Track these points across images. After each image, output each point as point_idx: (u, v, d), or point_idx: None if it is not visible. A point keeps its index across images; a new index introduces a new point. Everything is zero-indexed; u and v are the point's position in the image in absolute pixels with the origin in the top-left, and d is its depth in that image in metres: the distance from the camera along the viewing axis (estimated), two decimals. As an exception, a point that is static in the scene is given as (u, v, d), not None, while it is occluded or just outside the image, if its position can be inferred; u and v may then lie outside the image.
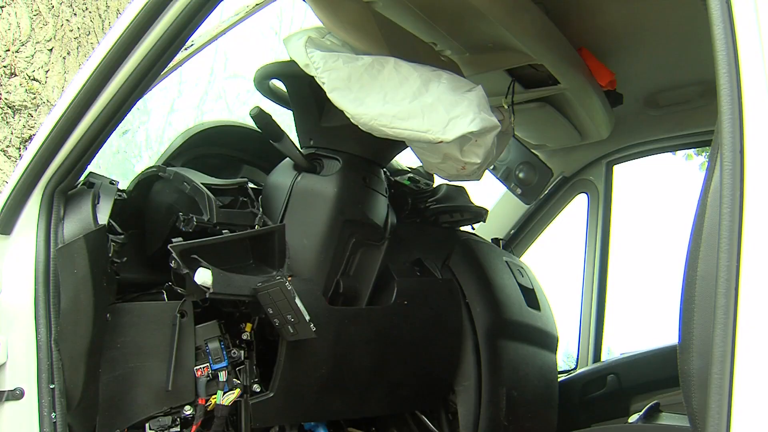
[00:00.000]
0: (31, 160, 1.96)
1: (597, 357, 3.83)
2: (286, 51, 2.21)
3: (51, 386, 1.86)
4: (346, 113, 2.07)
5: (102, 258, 1.97)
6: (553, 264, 4.46)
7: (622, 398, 3.54)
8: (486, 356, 2.76)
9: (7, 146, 4.21)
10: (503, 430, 2.79)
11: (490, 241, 3.34)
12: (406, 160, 3.06)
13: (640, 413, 3.14)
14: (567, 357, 4.30)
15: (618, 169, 3.85)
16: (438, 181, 3.07)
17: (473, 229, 3.24)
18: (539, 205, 3.89)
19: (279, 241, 2.18)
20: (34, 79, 4.45)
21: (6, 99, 4.31)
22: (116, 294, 2.09)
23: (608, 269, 3.88)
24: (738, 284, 1.20)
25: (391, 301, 2.55)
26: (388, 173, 2.73)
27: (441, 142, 2.03)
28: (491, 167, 3.02)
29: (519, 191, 3.10)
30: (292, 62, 2.17)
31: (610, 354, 4.01)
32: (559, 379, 3.40)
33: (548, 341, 3.23)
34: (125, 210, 2.25)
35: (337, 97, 2.07)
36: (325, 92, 2.08)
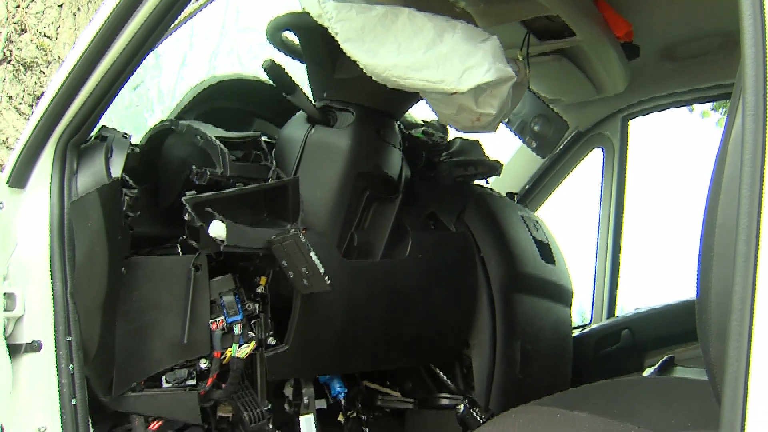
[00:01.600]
0: (43, 114, 1.95)
1: (611, 312, 3.82)
2: (298, 2, 2.18)
3: (68, 339, 1.87)
4: (359, 64, 2.04)
5: (115, 211, 1.97)
6: (567, 219, 4.44)
7: (636, 353, 3.54)
8: (501, 310, 2.76)
9: (20, 103, 4.20)
10: (518, 383, 2.80)
11: (504, 195, 3.32)
12: (420, 113, 3.04)
13: (655, 367, 3.15)
14: (581, 313, 4.30)
15: (634, 124, 3.80)
16: (452, 134, 3.05)
17: (488, 183, 3.21)
18: (554, 161, 3.86)
19: (293, 194, 2.17)
20: (44, 36, 4.42)
21: (17, 56, 4.29)
22: (130, 248, 2.09)
23: (623, 225, 3.86)
24: (759, 231, 1.18)
25: (405, 254, 2.55)
26: (402, 126, 2.71)
27: (456, 92, 2.00)
28: (506, 120, 2.99)
29: (534, 144, 3.07)
30: (305, 13, 2.14)
31: (624, 309, 4.00)
32: (573, 335, 3.40)
33: (563, 295, 3.22)
34: (138, 164, 2.24)
35: (350, 47, 2.04)
36: (338, 43, 2.05)
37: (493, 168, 3.02)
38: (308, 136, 2.36)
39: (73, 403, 1.84)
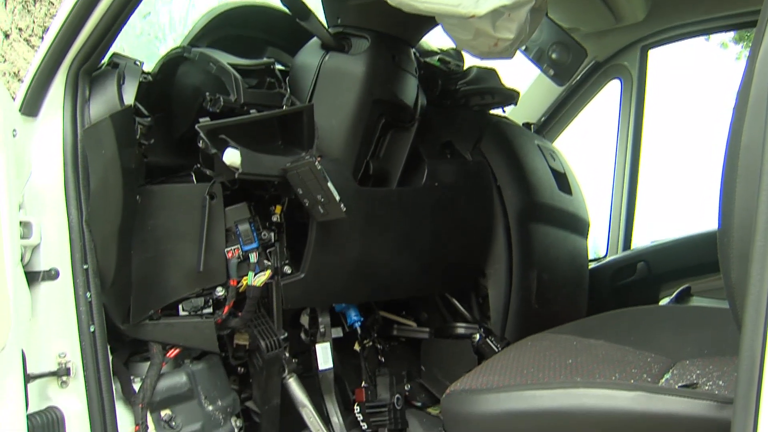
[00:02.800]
0: (53, 41, 1.92)
1: (627, 245, 3.81)
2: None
3: (84, 266, 1.87)
4: (374, -12, 2.00)
5: (129, 139, 1.95)
6: (584, 151, 4.40)
7: (651, 285, 3.54)
8: (517, 239, 2.75)
9: (30, 35, 4.16)
10: (533, 313, 2.81)
11: (521, 125, 3.28)
12: (436, 41, 2.99)
13: (672, 297, 3.15)
14: (596, 251, 4.29)
15: (653, 54, 3.73)
16: (469, 62, 3.00)
17: (504, 112, 3.18)
18: (571, 92, 3.80)
19: (307, 121, 2.14)
20: (53, -34, 4.36)
21: (27, -13, 4.24)
22: (145, 178, 2.08)
23: (640, 157, 3.83)
24: (786, 149, 1.16)
25: (421, 183, 2.53)
26: (418, 54, 2.66)
27: (473, 16, 1.95)
28: (523, 48, 2.93)
29: (552, 72, 3.01)
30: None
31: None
32: (589, 267, 3.40)
33: (579, 225, 3.21)
34: (151, 93, 2.22)
35: (364, -29, 1.99)
36: (352, -32, 2.01)
37: (510, 97, 2.98)
38: (323, 62, 2.32)
39: (92, 330, 1.85)
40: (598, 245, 4.00)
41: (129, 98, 2.01)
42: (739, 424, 1.22)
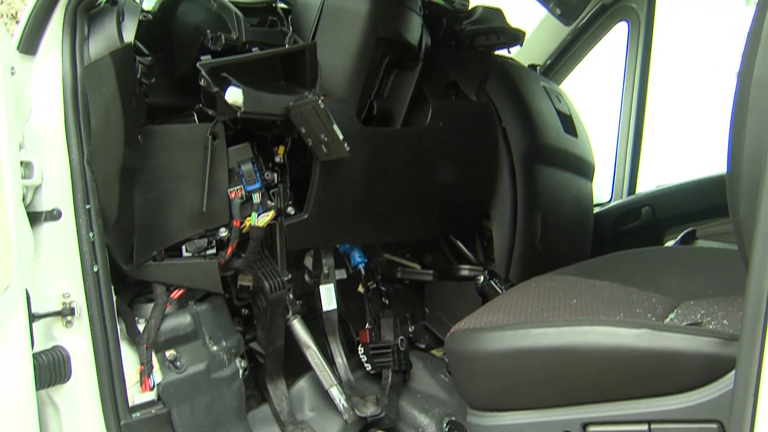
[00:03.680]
0: (50, -22, 1.88)
1: (632, 189, 3.80)
2: None
3: (87, 206, 1.86)
4: None
5: (130, 77, 1.92)
6: (590, 94, 4.35)
7: (655, 230, 3.53)
8: (522, 181, 2.74)
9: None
10: (538, 255, 2.80)
11: (527, 66, 3.24)
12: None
13: (677, 239, 3.15)
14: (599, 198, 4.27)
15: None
16: (474, 1, 2.96)
17: (509, 53, 3.14)
18: (577, 34, 3.74)
19: (310, 60, 2.11)
20: None
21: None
22: (146, 118, 2.06)
23: (646, 100, 3.78)
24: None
25: (425, 123, 2.51)
26: (422, -8, 2.62)
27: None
28: (530, -15, 2.89)
29: (558, 12, 2.97)
30: None
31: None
32: (593, 211, 3.39)
33: (584, 168, 3.19)
34: (151, 31, 2.18)
35: None
36: None
37: (516, 37, 2.94)
38: (325, 0, 2.28)
39: (95, 270, 1.85)
40: (602, 190, 3.98)
41: (129, 36, 1.97)
42: (744, 359, 1.22)
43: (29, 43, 1.91)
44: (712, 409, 1.41)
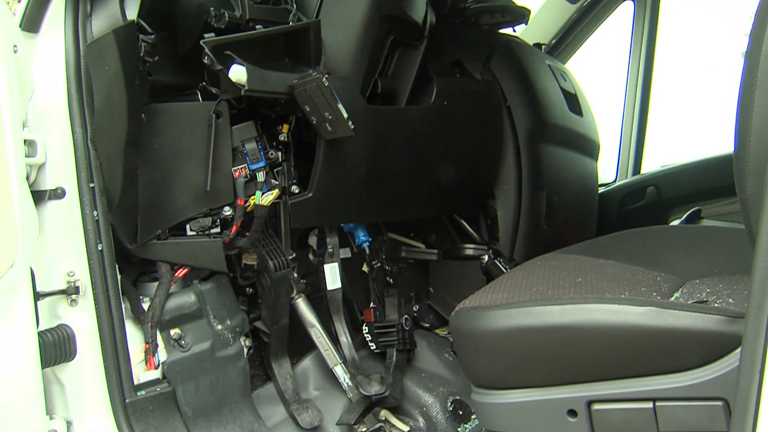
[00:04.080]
0: (53, -46, 1.87)
1: (637, 169, 3.79)
2: None
3: (90, 185, 1.85)
4: None
5: (133, 55, 1.91)
6: (596, 74, 4.33)
7: (660, 210, 3.53)
8: (527, 160, 2.73)
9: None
10: (542, 234, 2.80)
11: (531, 45, 3.22)
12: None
13: (682, 218, 3.14)
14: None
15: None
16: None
17: (515, 31, 3.12)
18: (583, 12, 3.73)
19: (314, 37, 2.10)
20: None
21: None
22: (150, 96, 2.05)
23: (652, 80, 3.77)
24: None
25: (430, 102, 2.50)
26: (427, -31, 2.60)
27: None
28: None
29: (564, -11, 2.95)
30: None
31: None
32: (599, 191, 3.39)
33: (589, 147, 3.18)
34: (154, 10, 2.16)
35: None
36: None
37: (521, 15, 2.92)
38: None
39: (99, 248, 1.85)
40: (607, 170, 3.97)
41: (131, 14, 1.96)
42: (750, 336, 1.21)
43: (32, 21, 1.90)
44: (717, 387, 1.40)
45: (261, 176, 2.13)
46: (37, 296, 1.72)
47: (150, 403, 1.94)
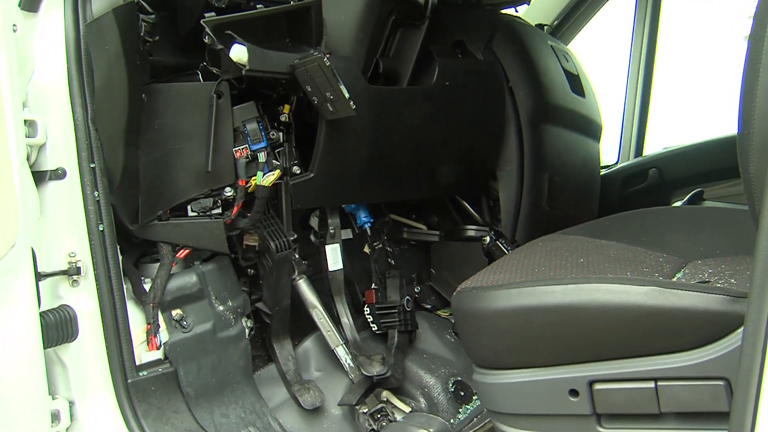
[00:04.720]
0: (51, -67, 1.85)
1: (639, 151, 3.78)
2: None
3: (91, 165, 1.84)
4: None
5: (133, 34, 1.90)
6: (598, 55, 4.31)
7: (663, 192, 3.52)
8: (529, 141, 2.72)
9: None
10: (544, 215, 2.80)
11: (534, 26, 3.21)
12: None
13: (684, 200, 3.13)
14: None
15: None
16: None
17: (517, 12, 3.10)
18: (585, -6, 3.70)
19: (315, 17, 2.09)
20: None
21: None
22: (150, 77, 2.04)
23: (655, 62, 3.75)
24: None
25: (432, 82, 2.49)
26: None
27: None
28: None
29: (567, -30, 2.94)
30: None
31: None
32: (601, 173, 3.38)
33: (592, 129, 3.17)
34: None
35: None
36: None
37: (524, -7, 2.91)
38: None
39: (101, 228, 1.85)
40: (609, 152, 3.97)
41: None
42: (753, 316, 1.21)
43: (31, 0, 1.88)
44: (719, 366, 1.40)
45: (262, 157, 2.13)
46: (39, 277, 1.71)
47: (152, 384, 1.94)
